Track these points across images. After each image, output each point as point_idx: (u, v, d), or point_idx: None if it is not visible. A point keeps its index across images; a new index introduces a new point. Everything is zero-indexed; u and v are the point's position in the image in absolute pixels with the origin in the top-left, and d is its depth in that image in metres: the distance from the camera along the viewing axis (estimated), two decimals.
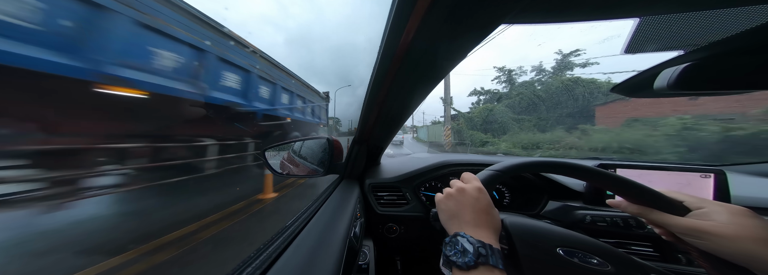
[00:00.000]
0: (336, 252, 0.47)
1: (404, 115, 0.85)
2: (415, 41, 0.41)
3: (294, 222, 0.65)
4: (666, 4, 0.36)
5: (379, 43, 0.45)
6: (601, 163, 0.93)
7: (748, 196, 0.84)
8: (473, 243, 0.37)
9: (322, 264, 0.43)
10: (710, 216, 0.36)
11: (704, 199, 0.40)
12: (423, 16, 0.34)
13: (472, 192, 0.45)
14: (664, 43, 0.44)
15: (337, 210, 0.72)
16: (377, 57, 0.50)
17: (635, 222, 0.81)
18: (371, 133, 0.97)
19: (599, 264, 0.44)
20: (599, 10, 0.37)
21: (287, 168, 1.49)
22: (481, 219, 0.43)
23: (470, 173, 0.52)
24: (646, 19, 0.39)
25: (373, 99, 0.69)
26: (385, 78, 0.56)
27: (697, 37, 0.41)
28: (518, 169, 0.52)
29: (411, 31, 0.38)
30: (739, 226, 0.33)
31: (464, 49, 0.44)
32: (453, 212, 0.45)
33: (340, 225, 0.61)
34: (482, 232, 0.40)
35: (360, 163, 1.11)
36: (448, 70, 0.53)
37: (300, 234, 0.54)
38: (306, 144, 1.45)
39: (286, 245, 0.49)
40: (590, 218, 0.84)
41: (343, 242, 0.52)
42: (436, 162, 1.18)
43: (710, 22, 0.38)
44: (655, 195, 0.42)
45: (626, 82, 0.57)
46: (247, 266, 0.42)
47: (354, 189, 1.00)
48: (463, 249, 0.37)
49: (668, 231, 0.40)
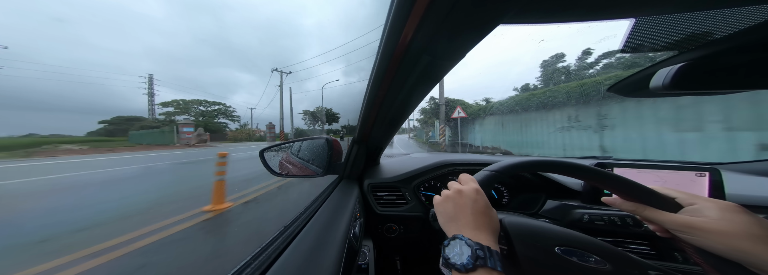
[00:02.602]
0: (336, 253, 0.48)
1: (403, 115, 0.85)
2: (413, 41, 0.41)
3: (293, 222, 0.65)
4: (661, 5, 0.36)
5: (378, 43, 0.46)
6: (598, 162, 0.93)
7: (743, 194, 0.85)
8: (471, 245, 0.37)
9: (322, 265, 0.43)
10: (701, 213, 0.36)
11: (695, 195, 0.40)
12: (421, 17, 0.35)
13: (470, 194, 0.46)
14: (660, 43, 0.45)
15: (337, 211, 0.72)
16: (376, 57, 0.50)
17: (632, 220, 0.81)
18: (370, 133, 0.97)
19: (598, 263, 0.45)
20: (596, 11, 0.37)
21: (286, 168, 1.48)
22: (479, 221, 0.43)
23: (467, 174, 0.52)
24: (641, 19, 0.40)
25: (372, 99, 0.69)
26: (384, 78, 0.56)
27: (691, 37, 0.42)
28: (515, 169, 0.52)
29: (409, 31, 0.38)
30: (729, 222, 0.34)
31: (463, 49, 0.45)
32: (451, 214, 0.45)
33: (340, 226, 0.61)
34: (481, 234, 0.40)
35: (359, 163, 1.11)
36: (447, 69, 0.53)
37: (299, 235, 0.54)
38: (305, 144, 1.45)
39: (286, 245, 0.49)
40: (588, 217, 0.85)
41: (342, 242, 0.52)
42: (435, 162, 1.18)
43: (704, 23, 0.39)
44: (647, 191, 0.43)
45: (622, 81, 0.58)
46: (246, 266, 0.42)
47: (353, 189, 1.00)
48: (462, 252, 0.37)
49: (662, 228, 0.41)
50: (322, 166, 1.04)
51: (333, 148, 1.03)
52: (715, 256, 0.34)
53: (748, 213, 0.35)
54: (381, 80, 0.57)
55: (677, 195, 0.41)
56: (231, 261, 1.98)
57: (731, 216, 0.34)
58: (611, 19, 0.39)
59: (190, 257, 2.11)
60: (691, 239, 0.36)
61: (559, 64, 19.58)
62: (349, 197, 0.88)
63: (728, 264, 0.33)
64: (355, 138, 1.03)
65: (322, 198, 0.85)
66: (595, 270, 0.44)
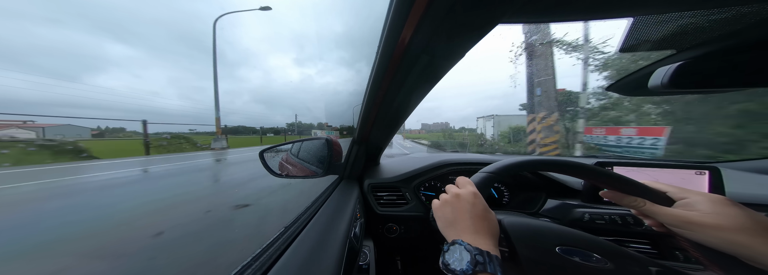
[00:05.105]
0: (336, 253, 0.48)
1: (403, 115, 0.85)
2: (413, 41, 0.41)
3: (293, 223, 0.65)
4: (658, 4, 0.36)
5: (378, 43, 0.46)
6: (599, 161, 0.94)
7: (743, 193, 0.85)
8: (471, 250, 0.37)
9: (323, 265, 0.43)
10: (694, 206, 0.37)
11: (686, 189, 0.41)
12: (421, 16, 0.35)
13: (468, 198, 0.46)
14: (658, 42, 0.45)
15: (337, 211, 0.72)
16: (375, 57, 0.50)
17: (633, 219, 0.81)
18: (370, 133, 0.97)
19: (599, 262, 0.45)
20: (594, 10, 0.37)
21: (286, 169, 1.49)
22: (478, 225, 0.43)
23: (465, 177, 0.52)
24: (639, 18, 0.40)
25: (372, 99, 0.69)
26: (384, 78, 0.56)
27: (689, 36, 0.42)
28: (511, 169, 0.53)
29: (409, 30, 0.38)
30: (721, 216, 0.34)
31: (462, 49, 0.45)
32: (450, 219, 0.46)
33: (340, 226, 0.61)
34: (480, 239, 0.40)
35: (359, 163, 1.11)
36: (447, 69, 0.53)
37: (300, 235, 0.54)
38: (305, 144, 1.45)
39: (286, 246, 0.49)
40: (588, 216, 0.85)
41: (343, 242, 0.52)
42: (436, 162, 1.18)
43: (702, 22, 0.39)
44: (639, 186, 0.43)
45: (621, 80, 0.58)
46: (247, 267, 0.42)
47: (353, 189, 1.00)
48: (461, 258, 0.37)
49: (658, 223, 0.41)
50: (322, 167, 1.04)
51: (333, 149, 1.03)
52: (712, 250, 0.34)
53: (739, 206, 0.35)
54: (380, 80, 0.57)
55: (669, 189, 0.42)
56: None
57: (723, 210, 0.34)
58: (609, 18, 0.39)
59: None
60: (687, 233, 0.36)
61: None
62: (350, 197, 0.88)
63: (725, 257, 0.33)
64: (355, 138, 1.03)
65: (323, 199, 0.85)
66: (596, 269, 0.44)
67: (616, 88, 0.66)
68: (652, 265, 0.44)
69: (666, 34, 0.42)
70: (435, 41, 0.41)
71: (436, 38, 0.40)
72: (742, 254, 0.32)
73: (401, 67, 0.51)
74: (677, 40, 0.44)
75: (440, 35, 0.39)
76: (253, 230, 2.59)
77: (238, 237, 2.40)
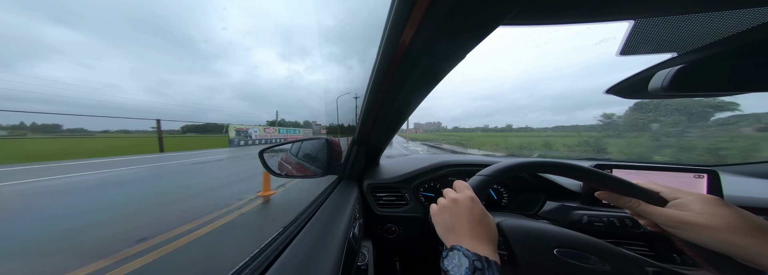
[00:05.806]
0: (335, 254, 0.47)
1: (403, 116, 0.85)
2: (413, 42, 0.41)
3: (292, 223, 0.65)
4: (660, 7, 0.36)
5: (378, 44, 0.46)
6: (597, 164, 0.94)
7: (741, 196, 0.85)
8: (470, 256, 0.37)
9: (321, 266, 0.43)
10: (686, 206, 0.37)
11: (678, 189, 0.41)
12: (422, 17, 0.35)
13: (466, 203, 0.46)
14: (659, 45, 0.45)
15: (336, 211, 0.72)
16: (376, 57, 0.50)
17: (631, 221, 0.81)
18: (370, 134, 0.97)
19: (596, 263, 0.45)
20: (595, 13, 0.37)
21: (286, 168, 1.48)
22: (476, 230, 0.43)
23: (462, 181, 0.52)
24: (640, 21, 0.40)
25: (372, 100, 0.69)
26: (384, 79, 0.56)
27: (690, 39, 0.42)
28: (508, 172, 0.53)
29: (410, 31, 0.38)
30: (712, 215, 0.34)
31: (463, 50, 0.45)
32: (448, 225, 0.46)
33: (339, 226, 0.61)
34: (479, 244, 0.40)
35: (359, 164, 1.11)
36: (447, 70, 0.53)
37: (298, 236, 0.54)
38: (305, 144, 1.45)
39: (284, 246, 0.49)
40: (587, 218, 0.85)
41: (341, 243, 0.52)
42: (435, 163, 1.18)
43: (703, 25, 0.39)
44: (632, 186, 0.43)
45: (621, 83, 0.58)
46: (245, 267, 0.42)
47: (353, 189, 1.00)
48: (460, 264, 0.37)
49: (653, 222, 0.42)
50: (321, 167, 1.04)
51: (333, 149, 1.03)
52: (705, 249, 0.35)
53: (730, 206, 0.35)
54: (381, 81, 0.57)
55: (661, 189, 0.42)
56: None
57: (714, 210, 0.35)
58: (610, 21, 0.39)
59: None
60: (680, 233, 0.37)
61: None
62: (349, 198, 0.88)
63: (718, 256, 0.34)
64: (355, 138, 1.03)
65: (322, 199, 0.85)
66: (594, 270, 0.44)
67: (616, 91, 0.66)
68: (649, 266, 0.44)
69: (667, 37, 0.42)
70: (436, 42, 0.41)
71: (437, 40, 0.40)
72: (735, 253, 0.32)
73: (402, 68, 0.51)
74: (679, 43, 0.44)
75: (441, 37, 0.39)
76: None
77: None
